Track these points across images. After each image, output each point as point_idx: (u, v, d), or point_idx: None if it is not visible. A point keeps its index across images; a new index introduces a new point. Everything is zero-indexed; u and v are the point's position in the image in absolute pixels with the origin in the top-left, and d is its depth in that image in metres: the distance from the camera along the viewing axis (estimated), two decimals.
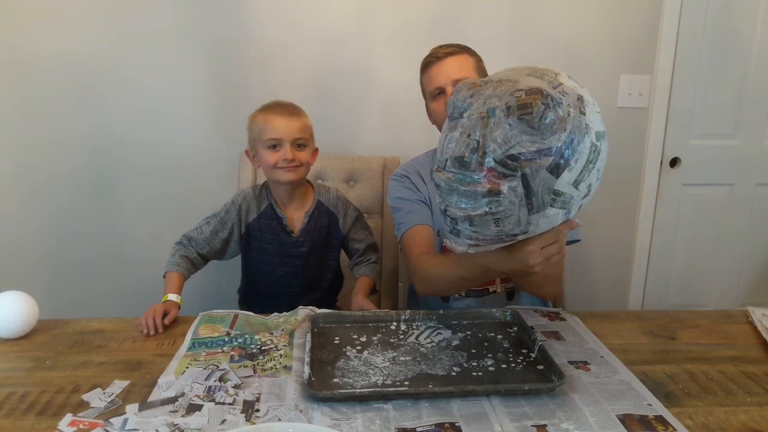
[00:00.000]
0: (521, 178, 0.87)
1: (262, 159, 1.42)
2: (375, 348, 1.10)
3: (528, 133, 0.86)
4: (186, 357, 1.07)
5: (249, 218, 1.48)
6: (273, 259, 1.49)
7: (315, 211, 1.50)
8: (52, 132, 1.98)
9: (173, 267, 1.42)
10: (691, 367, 1.07)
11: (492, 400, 0.94)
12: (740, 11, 2.16)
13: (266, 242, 1.48)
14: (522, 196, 0.88)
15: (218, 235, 1.48)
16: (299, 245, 1.49)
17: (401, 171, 1.51)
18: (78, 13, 1.90)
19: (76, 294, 2.07)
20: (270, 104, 1.45)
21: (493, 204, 0.90)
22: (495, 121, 0.88)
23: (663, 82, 2.17)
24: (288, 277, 1.50)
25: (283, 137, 1.38)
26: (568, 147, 0.87)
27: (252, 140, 1.44)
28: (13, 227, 2.03)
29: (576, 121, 0.87)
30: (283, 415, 0.88)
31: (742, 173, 2.32)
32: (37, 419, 0.88)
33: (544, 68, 0.95)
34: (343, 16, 1.99)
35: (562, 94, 0.88)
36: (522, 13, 2.04)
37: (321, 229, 1.51)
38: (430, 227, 1.41)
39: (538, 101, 0.85)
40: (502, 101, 0.88)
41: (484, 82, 0.95)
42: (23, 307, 1.16)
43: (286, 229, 1.48)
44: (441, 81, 1.37)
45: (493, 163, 0.88)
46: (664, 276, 2.38)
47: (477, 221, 0.93)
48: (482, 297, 1.43)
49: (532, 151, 0.86)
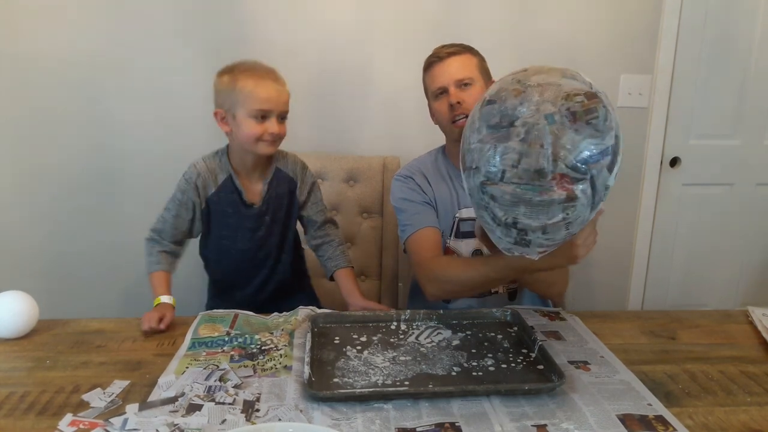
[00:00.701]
0: (590, 180, 0.90)
1: (242, 128, 1.31)
2: (375, 348, 1.10)
3: (593, 136, 0.89)
4: (186, 357, 1.07)
5: (208, 192, 1.39)
6: (234, 233, 1.42)
7: (273, 179, 1.42)
8: (53, 132, 1.98)
9: (155, 266, 1.38)
10: (691, 367, 1.07)
11: (492, 400, 0.94)
12: (740, 11, 2.16)
13: (227, 216, 1.40)
14: (590, 197, 0.91)
15: (181, 217, 1.41)
16: (261, 214, 1.41)
17: (405, 171, 1.50)
18: (78, 16, 1.90)
19: (76, 294, 2.07)
20: (252, 65, 1.34)
21: (569, 210, 0.91)
22: (557, 126, 0.88)
23: (663, 82, 2.17)
24: (250, 253, 1.44)
25: (273, 108, 1.30)
26: (617, 144, 0.92)
27: (230, 103, 1.31)
28: (14, 227, 2.03)
29: (616, 118, 0.93)
30: (283, 415, 0.88)
31: (742, 173, 2.32)
32: (37, 419, 0.88)
33: (562, 67, 0.97)
34: (343, 16, 1.99)
35: (600, 93, 0.92)
36: (522, 14, 2.04)
37: (282, 197, 1.44)
38: (437, 229, 1.41)
39: (600, 105, 0.89)
40: (558, 106, 0.88)
41: (523, 87, 0.92)
42: (23, 307, 1.16)
43: (245, 202, 1.40)
44: (444, 81, 1.37)
45: (565, 168, 0.89)
46: (664, 276, 2.38)
47: (550, 229, 0.93)
48: (484, 297, 1.43)
49: (597, 152, 0.89)
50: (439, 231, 1.41)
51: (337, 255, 1.48)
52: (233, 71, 1.32)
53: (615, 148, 0.91)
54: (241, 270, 1.46)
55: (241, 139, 1.33)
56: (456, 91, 1.35)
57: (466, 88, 1.35)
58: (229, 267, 1.47)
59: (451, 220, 1.43)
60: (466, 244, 1.42)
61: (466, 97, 1.34)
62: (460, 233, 1.43)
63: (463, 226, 1.43)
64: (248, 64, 1.34)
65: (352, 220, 1.85)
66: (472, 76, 1.36)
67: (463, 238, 1.43)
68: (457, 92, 1.35)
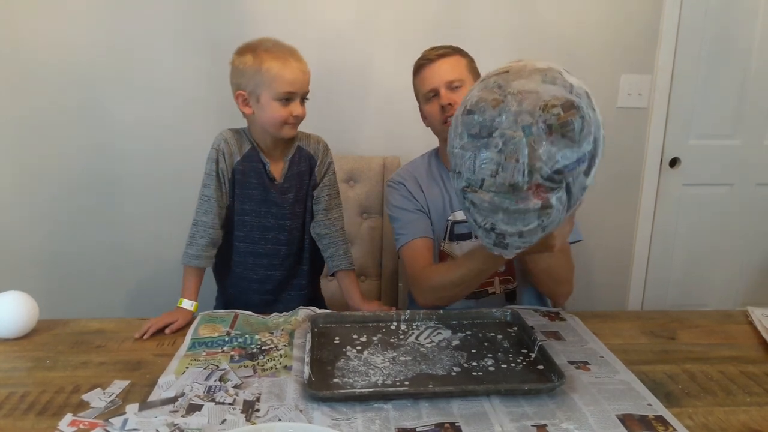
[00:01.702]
0: (565, 188, 0.92)
1: (267, 111, 1.28)
2: (375, 348, 1.10)
3: (569, 146, 0.90)
4: (186, 357, 1.07)
5: (234, 161, 1.35)
6: (259, 207, 1.37)
7: (296, 155, 1.40)
8: (53, 132, 1.98)
9: (193, 261, 1.32)
10: (691, 367, 1.07)
11: (492, 400, 0.94)
12: (740, 11, 2.16)
13: (252, 187, 1.36)
14: (565, 202, 0.94)
15: (221, 190, 1.35)
16: (284, 191, 1.38)
17: (397, 177, 1.50)
18: (78, 17, 1.90)
19: (76, 294, 2.07)
20: (274, 45, 1.29)
21: (544, 217, 0.94)
22: (534, 138, 0.90)
23: (663, 82, 2.17)
24: (273, 232, 1.39)
25: (298, 90, 1.28)
26: (596, 147, 0.93)
27: (254, 85, 1.27)
28: (14, 227, 2.03)
29: (594, 121, 0.93)
30: (283, 415, 0.88)
31: (742, 173, 2.32)
32: (37, 419, 0.88)
33: (544, 66, 0.96)
34: (343, 16, 1.99)
35: (578, 96, 0.92)
36: (522, 13, 2.04)
37: (303, 174, 1.41)
38: (429, 239, 1.41)
39: (575, 116, 0.90)
40: (536, 117, 0.90)
41: (502, 95, 0.94)
42: (23, 307, 1.16)
43: (269, 175, 1.37)
44: (434, 83, 1.37)
45: (541, 179, 0.91)
46: (664, 276, 2.37)
47: (526, 233, 0.96)
48: (481, 299, 1.42)
49: (573, 161, 0.91)
50: (431, 240, 1.42)
51: (340, 254, 1.46)
52: (256, 51, 1.28)
53: (593, 152, 0.92)
54: (264, 255, 1.41)
55: (265, 122, 1.31)
56: (447, 93, 1.35)
57: (457, 90, 1.35)
58: (248, 252, 1.41)
59: (445, 222, 1.44)
60: (460, 247, 1.42)
61: (458, 98, 1.34)
62: (454, 236, 1.43)
63: (456, 228, 1.43)
64: (269, 42, 1.30)
65: (352, 220, 1.85)
66: (463, 77, 1.36)
67: (458, 241, 1.43)
68: (448, 94, 1.35)
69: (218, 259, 1.40)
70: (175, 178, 2.04)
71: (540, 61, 0.99)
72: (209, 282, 1.45)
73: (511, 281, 1.43)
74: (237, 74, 1.30)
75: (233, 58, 1.32)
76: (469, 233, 1.42)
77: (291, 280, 1.46)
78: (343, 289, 1.45)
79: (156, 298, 1.89)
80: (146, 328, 1.18)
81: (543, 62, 0.98)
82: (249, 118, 1.35)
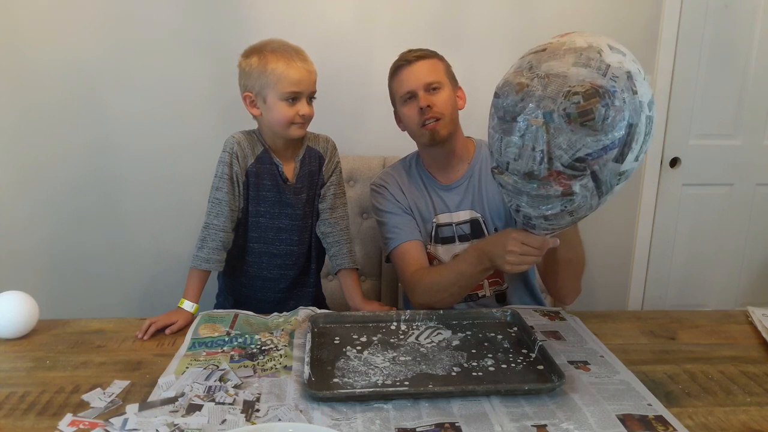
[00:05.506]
0: (591, 175, 0.91)
1: (274, 111, 1.29)
2: (375, 348, 1.10)
3: (591, 135, 0.87)
4: (186, 357, 1.07)
5: (247, 163, 1.35)
6: (273, 209, 1.38)
7: (306, 155, 1.41)
8: (53, 132, 1.98)
9: (202, 264, 1.31)
10: (691, 367, 1.07)
11: (492, 400, 0.94)
12: (740, 12, 2.16)
13: (266, 189, 1.37)
14: (593, 189, 0.92)
15: (234, 193, 1.34)
16: (298, 192, 1.40)
17: (379, 181, 1.50)
18: (79, 19, 1.90)
19: (77, 294, 2.07)
20: (280, 45, 1.30)
21: (567, 203, 0.94)
22: (555, 126, 0.88)
23: (663, 82, 2.17)
24: (286, 233, 1.40)
25: (304, 90, 1.29)
26: (629, 133, 0.88)
27: (260, 86, 1.28)
28: (14, 226, 2.02)
29: (631, 105, 0.88)
30: (283, 415, 0.88)
31: (742, 173, 2.32)
32: (37, 419, 0.88)
33: (584, 45, 0.91)
34: (343, 16, 1.99)
35: (613, 80, 0.87)
36: (522, 14, 2.04)
37: (313, 174, 1.42)
38: (418, 242, 1.41)
39: (597, 104, 0.86)
40: (558, 104, 0.87)
41: (530, 78, 0.91)
42: (23, 307, 1.16)
43: (282, 176, 1.38)
44: (412, 85, 1.36)
45: (561, 167, 0.90)
46: (664, 276, 2.38)
47: (552, 217, 0.97)
48: (473, 302, 1.43)
49: (598, 149, 0.88)
50: (421, 242, 1.42)
51: (344, 253, 1.45)
52: (262, 52, 1.29)
53: (626, 138, 0.88)
54: (278, 255, 1.41)
55: (273, 123, 1.32)
56: (425, 95, 1.35)
57: (435, 92, 1.35)
58: (263, 252, 1.41)
59: (429, 226, 1.44)
60: (446, 250, 1.42)
61: (436, 100, 1.34)
62: (440, 239, 1.43)
63: (441, 231, 1.43)
64: (275, 43, 1.31)
65: (352, 220, 1.85)
66: (440, 80, 1.36)
67: (443, 244, 1.43)
68: (426, 96, 1.35)
69: (229, 258, 1.39)
70: (175, 178, 2.04)
71: (586, 35, 0.93)
72: (209, 282, 1.45)
73: (500, 283, 1.43)
74: (243, 76, 1.32)
75: (240, 60, 1.33)
76: (452, 236, 1.42)
77: (304, 278, 1.47)
78: (344, 288, 1.45)
79: (156, 298, 1.89)
80: (147, 326, 1.18)
81: (587, 38, 0.92)
82: (258, 119, 1.36)
